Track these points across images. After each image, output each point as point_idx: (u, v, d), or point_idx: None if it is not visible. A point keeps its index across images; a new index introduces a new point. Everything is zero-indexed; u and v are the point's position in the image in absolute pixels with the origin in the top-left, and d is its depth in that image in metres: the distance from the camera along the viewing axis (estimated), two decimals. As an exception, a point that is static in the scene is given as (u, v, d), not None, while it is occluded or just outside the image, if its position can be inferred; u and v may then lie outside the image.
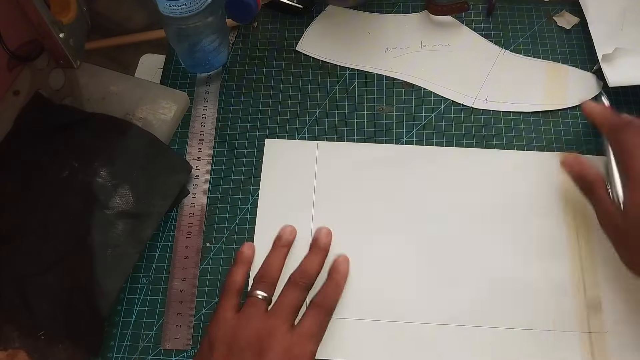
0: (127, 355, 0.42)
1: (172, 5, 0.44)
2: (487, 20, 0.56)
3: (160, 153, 0.47)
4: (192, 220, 0.46)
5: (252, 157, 0.49)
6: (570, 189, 0.46)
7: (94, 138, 0.47)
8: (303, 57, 0.54)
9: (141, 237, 0.44)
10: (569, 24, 0.56)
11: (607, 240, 0.41)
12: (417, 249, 0.45)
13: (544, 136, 0.50)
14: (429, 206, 0.47)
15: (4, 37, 0.45)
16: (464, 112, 0.51)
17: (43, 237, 0.43)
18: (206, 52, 0.50)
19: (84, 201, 0.44)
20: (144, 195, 0.45)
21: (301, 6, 0.56)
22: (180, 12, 0.44)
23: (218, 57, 0.52)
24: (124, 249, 0.43)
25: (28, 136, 0.48)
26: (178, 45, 0.50)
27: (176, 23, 0.46)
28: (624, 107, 0.51)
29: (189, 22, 0.46)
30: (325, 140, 0.50)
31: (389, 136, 0.50)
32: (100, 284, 0.42)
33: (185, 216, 0.47)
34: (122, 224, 0.44)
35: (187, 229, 0.46)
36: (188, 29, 0.46)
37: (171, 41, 0.50)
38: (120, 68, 0.53)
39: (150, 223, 0.44)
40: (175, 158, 0.48)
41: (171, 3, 0.43)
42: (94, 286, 0.42)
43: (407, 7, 0.57)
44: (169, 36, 0.49)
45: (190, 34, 0.47)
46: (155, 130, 0.48)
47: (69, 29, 0.47)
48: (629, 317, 0.42)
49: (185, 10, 0.44)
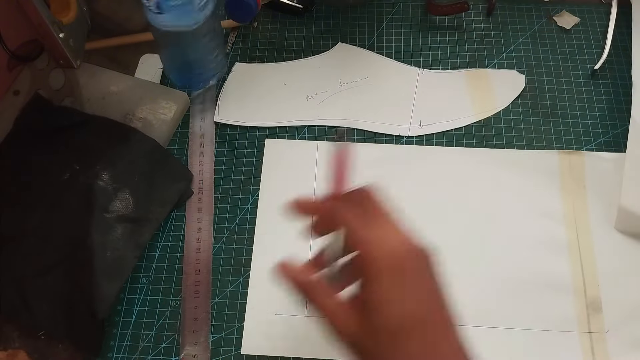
0: (127, 355, 0.42)
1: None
2: (487, 20, 0.56)
3: (162, 159, 0.47)
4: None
5: (252, 157, 0.49)
6: (570, 189, 0.46)
7: (95, 141, 0.47)
8: (303, 57, 0.54)
9: (140, 242, 0.44)
10: (569, 24, 0.56)
11: (607, 241, 0.41)
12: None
13: (544, 136, 0.50)
14: (429, 206, 0.47)
15: (4, 37, 0.45)
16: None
17: (43, 238, 0.43)
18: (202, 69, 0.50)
19: (85, 203, 0.44)
20: (143, 201, 0.45)
21: (301, 6, 0.56)
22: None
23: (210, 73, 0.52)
24: (123, 253, 0.43)
25: (28, 137, 0.48)
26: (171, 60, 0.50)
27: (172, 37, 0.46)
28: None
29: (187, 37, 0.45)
30: (325, 141, 0.50)
31: (389, 136, 0.50)
32: (99, 286, 0.42)
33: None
34: (121, 227, 0.44)
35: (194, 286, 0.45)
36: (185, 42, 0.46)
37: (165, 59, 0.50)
38: (120, 68, 0.53)
39: (149, 228, 0.45)
40: (176, 165, 0.48)
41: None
42: (93, 288, 0.42)
43: (407, 7, 0.57)
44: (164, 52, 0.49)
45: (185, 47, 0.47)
46: (155, 130, 0.48)
47: (69, 29, 0.47)
48: (629, 317, 0.42)
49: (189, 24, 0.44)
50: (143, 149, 0.47)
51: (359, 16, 0.57)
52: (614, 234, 0.45)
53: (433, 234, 0.45)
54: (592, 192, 0.47)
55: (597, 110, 0.51)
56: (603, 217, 0.46)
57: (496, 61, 0.54)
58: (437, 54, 0.54)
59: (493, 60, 0.54)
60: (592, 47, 0.54)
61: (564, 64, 0.54)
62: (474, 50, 0.54)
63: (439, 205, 0.47)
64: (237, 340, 0.42)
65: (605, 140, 0.50)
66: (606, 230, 0.45)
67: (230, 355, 0.42)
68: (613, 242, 0.45)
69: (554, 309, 0.43)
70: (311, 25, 0.56)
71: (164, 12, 0.42)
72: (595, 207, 0.46)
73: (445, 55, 0.54)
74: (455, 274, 0.44)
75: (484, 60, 0.54)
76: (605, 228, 0.45)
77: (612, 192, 0.46)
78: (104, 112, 0.49)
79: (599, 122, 0.51)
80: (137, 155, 0.47)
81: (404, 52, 0.54)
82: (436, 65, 0.54)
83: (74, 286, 0.42)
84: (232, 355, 0.42)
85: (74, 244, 0.43)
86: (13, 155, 0.47)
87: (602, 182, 0.47)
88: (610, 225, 0.45)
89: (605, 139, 0.50)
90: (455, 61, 0.54)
